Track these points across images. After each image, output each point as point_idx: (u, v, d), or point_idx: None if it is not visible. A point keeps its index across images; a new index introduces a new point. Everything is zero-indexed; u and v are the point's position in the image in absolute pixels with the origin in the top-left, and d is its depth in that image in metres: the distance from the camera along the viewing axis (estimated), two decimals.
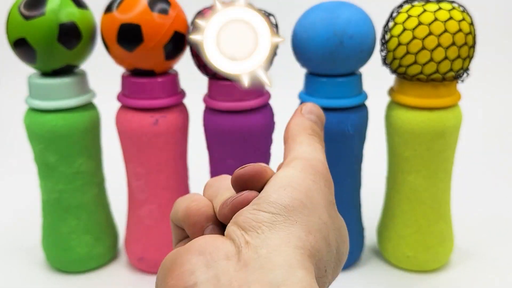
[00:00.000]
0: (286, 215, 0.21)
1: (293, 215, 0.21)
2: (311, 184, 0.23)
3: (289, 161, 0.24)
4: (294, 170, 0.23)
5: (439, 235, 0.51)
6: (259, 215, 0.21)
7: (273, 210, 0.21)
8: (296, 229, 0.21)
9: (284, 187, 0.22)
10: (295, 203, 0.21)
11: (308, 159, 0.24)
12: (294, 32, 0.47)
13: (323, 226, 0.22)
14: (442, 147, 0.48)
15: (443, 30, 0.44)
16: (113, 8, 0.45)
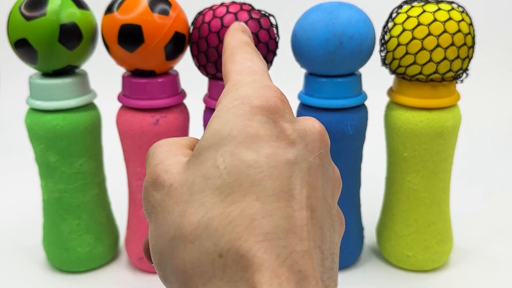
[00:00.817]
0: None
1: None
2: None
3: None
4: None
5: (439, 234, 0.51)
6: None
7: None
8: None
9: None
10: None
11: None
12: (294, 32, 0.48)
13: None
14: (441, 147, 0.48)
15: (442, 30, 0.44)
16: (114, 9, 0.45)
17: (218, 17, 0.44)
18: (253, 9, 0.46)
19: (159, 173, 0.21)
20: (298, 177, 0.19)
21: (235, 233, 0.17)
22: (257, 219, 0.18)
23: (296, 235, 0.18)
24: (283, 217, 0.18)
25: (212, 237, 0.18)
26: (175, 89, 0.49)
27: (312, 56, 0.46)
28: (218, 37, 0.44)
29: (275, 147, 0.19)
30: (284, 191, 0.19)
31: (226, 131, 0.19)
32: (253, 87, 0.21)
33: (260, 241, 0.17)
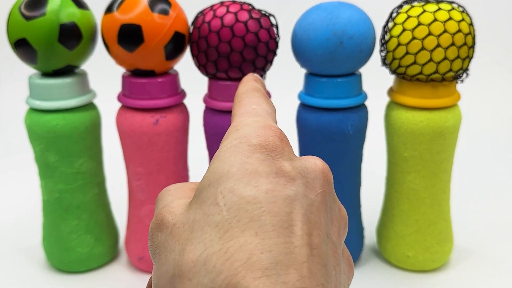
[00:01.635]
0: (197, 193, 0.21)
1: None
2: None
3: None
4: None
5: (439, 235, 0.51)
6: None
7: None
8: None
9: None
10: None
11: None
12: (294, 32, 0.48)
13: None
14: (441, 147, 0.48)
15: (443, 30, 0.44)
16: (114, 9, 0.45)
17: (218, 17, 0.44)
18: (253, 9, 0.46)
19: (164, 214, 0.21)
20: (299, 213, 0.19)
21: (233, 269, 0.17)
22: (255, 254, 0.18)
23: (297, 272, 0.18)
24: (283, 253, 0.18)
25: (210, 273, 0.18)
26: (175, 89, 0.49)
27: (312, 56, 0.46)
28: (218, 37, 0.44)
29: (274, 184, 0.19)
30: (284, 227, 0.19)
31: (225, 169, 0.20)
32: (253, 127, 0.22)
33: (258, 277, 0.17)
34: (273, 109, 0.25)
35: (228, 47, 0.44)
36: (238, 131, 0.22)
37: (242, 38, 0.44)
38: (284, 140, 0.22)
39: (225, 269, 0.17)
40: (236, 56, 0.45)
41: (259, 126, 0.22)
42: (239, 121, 0.23)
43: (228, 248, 0.18)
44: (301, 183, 0.20)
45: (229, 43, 0.44)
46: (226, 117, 0.48)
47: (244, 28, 0.44)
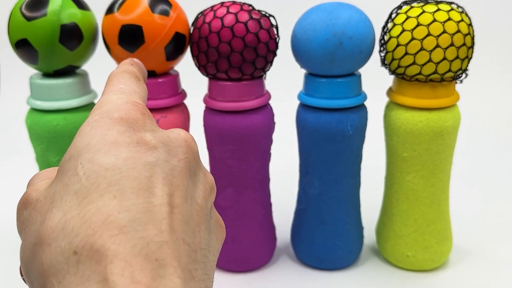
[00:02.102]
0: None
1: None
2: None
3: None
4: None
5: (438, 234, 0.51)
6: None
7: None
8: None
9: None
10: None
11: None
12: (294, 33, 0.48)
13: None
14: (440, 147, 0.48)
15: (442, 31, 0.44)
16: (114, 10, 0.45)
17: (219, 17, 0.45)
18: (253, 10, 0.46)
19: (29, 193, 0.22)
20: (159, 177, 0.20)
21: (90, 230, 0.18)
22: (113, 215, 0.18)
23: (155, 227, 0.19)
24: (141, 211, 0.19)
25: (68, 236, 0.18)
26: (176, 89, 0.49)
27: (312, 57, 0.46)
28: (219, 37, 0.44)
29: (134, 152, 0.21)
30: (143, 189, 0.20)
31: (85, 141, 0.21)
32: (116, 103, 0.23)
33: (115, 235, 0.18)
34: (143, 89, 0.26)
35: (228, 48, 0.45)
36: (101, 108, 0.23)
37: (242, 38, 0.44)
38: (146, 114, 0.23)
39: (83, 231, 0.18)
40: (236, 57, 0.45)
41: (121, 102, 0.23)
42: (103, 98, 0.24)
43: (86, 212, 0.19)
44: (163, 151, 0.22)
45: (229, 43, 0.44)
46: (226, 117, 0.48)
47: (244, 28, 0.44)
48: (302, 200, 0.53)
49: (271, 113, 0.50)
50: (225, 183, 0.50)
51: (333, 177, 0.50)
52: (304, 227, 0.53)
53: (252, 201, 0.51)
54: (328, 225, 0.52)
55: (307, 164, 0.51)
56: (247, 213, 0.51)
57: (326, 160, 0.49)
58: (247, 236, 0.52)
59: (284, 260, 0.56)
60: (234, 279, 0.53)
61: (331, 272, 0.54)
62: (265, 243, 0.53)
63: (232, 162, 0.49)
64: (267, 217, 0.53)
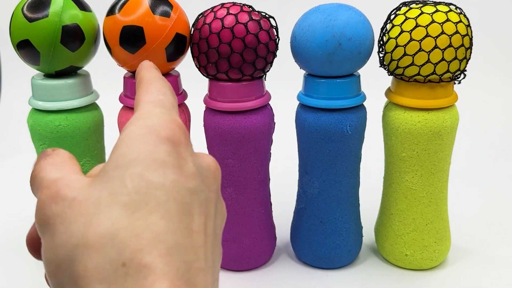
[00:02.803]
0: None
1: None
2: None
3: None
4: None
5: (436, 234, 0.52)
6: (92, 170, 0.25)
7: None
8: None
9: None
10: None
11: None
12: (293, 34, 0.48)
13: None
14: (439, 147, 0.49)
15: (440, 32, 0.45)
16: (116, 11, 0.46)
17: (219, 18, 0.45)
18: (253, 11, 0.46)
19: (60, 187, 0.22)
20: (197, 205, 0.21)
21: (140, 245, 0.19)
22: (161, 235, 0.19)
23: (195, 254, 0.20)
24: (185, 236, 0.20)
25: (117, 247, 0.19)
26: (176, 90, 0.49)
27: (311, 57, 0.46)
28: (219, 38, 0.45)
29: (178, 175, 0.21)
30: (186, 214, 0.21)
31: (134, 154, 0.21)
32: (161, 119, 0.23)
33: (163, 254, 0.19)
34: (176, 100, 0.27)
35: (228, 48, 0.45)
36: (146, 120, 0.23)
37: (242, 39, 0.45)
38: (187, 137, 0.23)
39: (132, 244, 0.19)
40: (236, 57, 0.45)
41: (166, 119, 0.23)
42: (146, 109, 0.24)
43: (136, 226, 0.19)
44: (200, 180, 0.22)
45: (229, 44, 0.45)
46: (227, 117, 0.48)
47: (244, 29, 0.45)
48: (302, 200, 0.53)
49: (271, 113, 0.51)
50: (225, 182, 0.50)
51: (332, 176, 0.50)
52: (303, 227, 0.53)
53: (252, 201, 0.51)
54: (327, 224, 0.52)
55: (306, 164, 0.51)
56: (247, 212, 0.52)
57: (325, 160, 0.50)
58: (247, 236, 0.52)
59: (284, 259, 0.56)
60: (234, 278, 0.53)
61: (330, 271, 0.54)
62: (265, 242, 0.54)
63: (232, 162, 0.49)
64: (267, 216, 0.54)
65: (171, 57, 0.47)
